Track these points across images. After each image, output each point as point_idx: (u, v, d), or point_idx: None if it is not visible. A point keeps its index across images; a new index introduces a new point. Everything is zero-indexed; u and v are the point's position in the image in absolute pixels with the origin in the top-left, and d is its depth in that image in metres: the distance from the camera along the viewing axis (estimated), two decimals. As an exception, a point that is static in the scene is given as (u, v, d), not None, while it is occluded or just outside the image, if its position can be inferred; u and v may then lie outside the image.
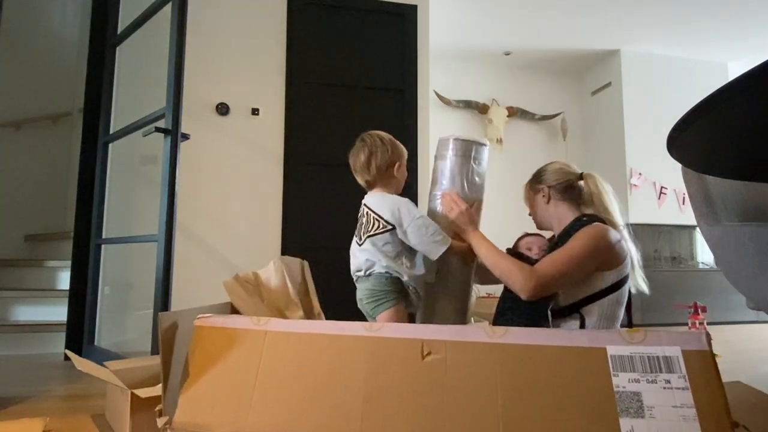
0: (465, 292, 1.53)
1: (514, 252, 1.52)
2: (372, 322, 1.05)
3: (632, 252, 1.42)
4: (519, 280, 1.30)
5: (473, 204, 1.49)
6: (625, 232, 1.43)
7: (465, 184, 1.50)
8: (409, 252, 1.41)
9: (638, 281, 1.43)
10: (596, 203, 1.46)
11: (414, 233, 1.35)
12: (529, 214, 1.61)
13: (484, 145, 1.55)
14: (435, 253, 1.36)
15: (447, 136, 1.54)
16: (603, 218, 1.42)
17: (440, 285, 1.49)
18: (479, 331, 0.90)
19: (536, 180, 1.55)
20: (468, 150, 1.50)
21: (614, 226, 1.41)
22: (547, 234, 1.61)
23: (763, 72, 0.67)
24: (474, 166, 1.51)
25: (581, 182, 1.51)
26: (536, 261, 1.39)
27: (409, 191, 2.24)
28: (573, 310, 1.33)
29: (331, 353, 0.95)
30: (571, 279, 1.33)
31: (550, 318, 1.32)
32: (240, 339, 1.01)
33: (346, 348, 0.95)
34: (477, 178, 1.52)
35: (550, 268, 1.31)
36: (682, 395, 0.77)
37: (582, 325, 1.31)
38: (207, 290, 2.83)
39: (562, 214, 1.49)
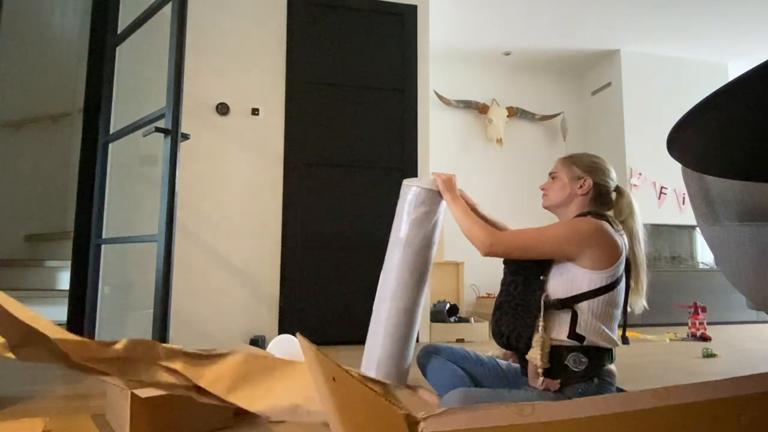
0: None
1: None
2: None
3: (641, 275, 1.43)
4: (480, 236, 1.42)
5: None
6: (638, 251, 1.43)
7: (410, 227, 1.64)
8: None
9: (640, 302, 1.44)
10: (626, 222, 1.45)
11: None
12: (542, 188, 1.55)
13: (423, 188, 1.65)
14: None
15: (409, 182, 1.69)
16: (610, 221, 1.41)
17: None
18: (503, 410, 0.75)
19: (581, 166, 1.48)
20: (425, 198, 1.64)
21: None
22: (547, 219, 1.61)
23: (763, 72, 0.66)
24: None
25: (614, 193, 1.49)
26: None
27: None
28: (565, 305, 1.34)
29: None
30: (533, 252, 1.39)
31: (542, 309, 1.34)
32: None
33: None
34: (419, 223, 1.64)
35: (513, 235, 1.42)
36: None
37: (573, 319, 1.33)
38: (207, 290, 2.84)
39: (573, 209, 1.47)
